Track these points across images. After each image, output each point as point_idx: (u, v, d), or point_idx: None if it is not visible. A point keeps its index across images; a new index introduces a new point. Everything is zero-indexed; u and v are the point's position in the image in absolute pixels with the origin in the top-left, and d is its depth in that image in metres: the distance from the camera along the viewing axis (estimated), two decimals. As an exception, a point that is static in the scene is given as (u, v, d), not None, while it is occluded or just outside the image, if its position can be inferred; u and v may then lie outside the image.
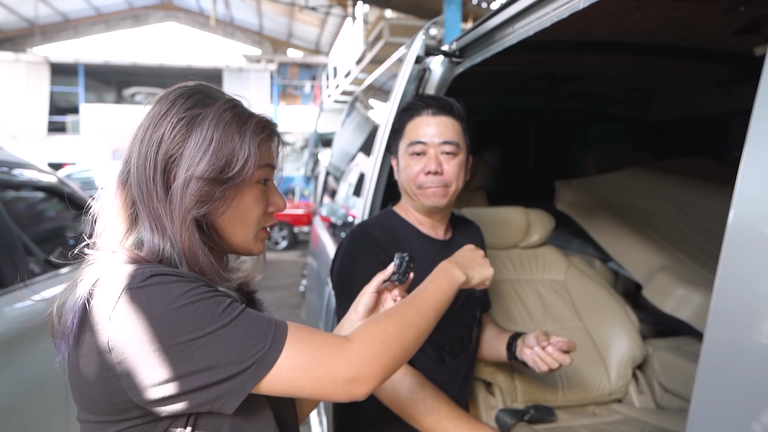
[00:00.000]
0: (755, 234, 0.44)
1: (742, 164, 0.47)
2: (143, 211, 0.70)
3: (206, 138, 0.69)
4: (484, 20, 1.35)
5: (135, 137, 0.71)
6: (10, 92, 16.24)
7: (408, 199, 1.29)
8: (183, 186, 0.68)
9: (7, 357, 1.56)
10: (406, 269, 0.91)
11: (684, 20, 1.46)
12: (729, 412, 0.44)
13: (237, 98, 0.76)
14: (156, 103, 0.72)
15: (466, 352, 1.29)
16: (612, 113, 2.79)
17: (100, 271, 0.66)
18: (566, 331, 1.67)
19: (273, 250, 10.00)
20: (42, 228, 2.39)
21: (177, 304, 0.61)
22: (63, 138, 16.74)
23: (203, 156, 0.69)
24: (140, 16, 21.28)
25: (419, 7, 8.76)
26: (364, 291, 0.92)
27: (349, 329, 0.90)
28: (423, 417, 1.05)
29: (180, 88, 0.73)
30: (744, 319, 0.43)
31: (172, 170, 0.69)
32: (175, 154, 0.69)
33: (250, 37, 21.82)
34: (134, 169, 0.70)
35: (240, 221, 0.74)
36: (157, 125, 0.70)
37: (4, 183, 1.99)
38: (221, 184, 0.70)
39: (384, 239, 1.20)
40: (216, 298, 0.64)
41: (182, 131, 0.69)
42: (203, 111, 0.70)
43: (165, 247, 0.69)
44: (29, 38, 19.16)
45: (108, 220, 0.72)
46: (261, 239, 0.79)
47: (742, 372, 0.44)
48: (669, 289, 1.62)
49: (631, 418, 1.51)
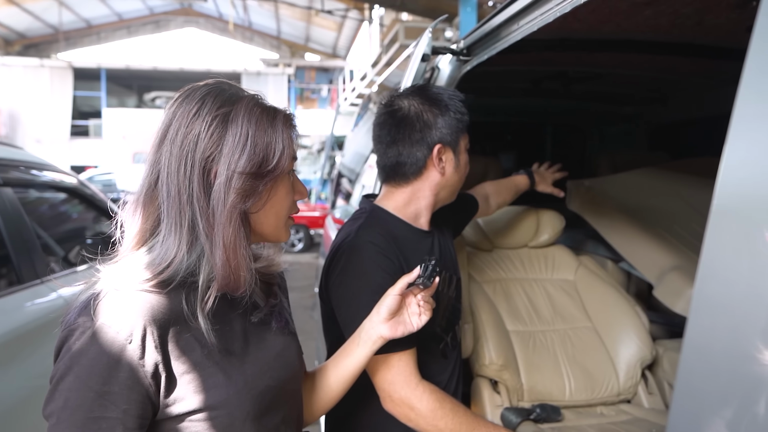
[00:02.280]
0: (737, 218, 0.44)
1: (727, 143, 0.46)
2: (170, 210, 0.70)
3: (242, 134, 0.70)
4: (490, 17, 1.36)
5: (165, 138, 0.71)
6: (35, 97, 16.63)
7: (445, 197, 1.21)
8: (227, 182, 0.69)
9: (26, 350, 1.59)
10: (431, 273, 0.90)
11: (695, 16, 1.44)
12: (710, 398, 0.44)
13: (258, 94, 0.77)
14: (182, 103, 0.72)
15: (458, 341, 1.27)
16: (627, 113, 2.76)
17: (90, 290, 0.68)
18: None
19: (289, 252, 10.07)
20: (62, 228, 2.45)
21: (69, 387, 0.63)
22: (85, 142, 17.08)
23: (242, 152, 0.70)
24: (161, 22, 21.66)
25: (435, 9, 8.77)
26: (389, 293, 0.91)
27: (371, 330, 0.90)
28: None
29: (206, 86, 0.73)
30: (726, 305, 0.43)
31: (212, 168, 0.70)
32: (213, 152, 0.70)
33: (268, 42, 22.06)
34: (166, 169, 0.70)
35: (273, 212, 0.77)
36: (191, 125, 0.70)
37: (25, 183, 2.05)
38: (263, 177, 0.72)
39: (383, 243, 1.11)
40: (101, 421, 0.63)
41: (218, 129, 0.70)
42: (233, 108, 0.71)
43: (181, 249, 0.70)
44: (53, 44, 19.63)
45: (131, 225, 0.73)
46: (288, 227, 0.81)
47: (724, 357, 0.44)
48: (680, 290, 1.59)
49: (639, 418, 1.49)
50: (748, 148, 0.45)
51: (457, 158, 1.18)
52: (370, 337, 0.91)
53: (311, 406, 0.93)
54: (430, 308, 0.94)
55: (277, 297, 0.86)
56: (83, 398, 0.62)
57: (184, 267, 0.70)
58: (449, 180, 1.18)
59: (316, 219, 10.26)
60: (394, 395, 1.02)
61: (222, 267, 0.70)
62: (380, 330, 0.90)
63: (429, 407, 1.00)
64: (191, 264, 0.71)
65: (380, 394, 1.04)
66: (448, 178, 1.17)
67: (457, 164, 1.18)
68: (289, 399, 0.82)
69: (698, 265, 0.46)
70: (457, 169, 1.18)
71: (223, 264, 0.70)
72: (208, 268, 0.71)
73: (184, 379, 0.67)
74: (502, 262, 1.82)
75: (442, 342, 1.20)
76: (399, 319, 0.91)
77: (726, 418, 0.44)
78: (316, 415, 0.94)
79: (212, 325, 0.71)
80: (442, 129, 1.14)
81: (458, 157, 1.18)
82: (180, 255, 0.70)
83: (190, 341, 0.69)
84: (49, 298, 1.81)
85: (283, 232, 0.80)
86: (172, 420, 0.68)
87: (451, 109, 1.15)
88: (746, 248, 0.43)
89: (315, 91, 20.42)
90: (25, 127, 16.38)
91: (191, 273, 0.71)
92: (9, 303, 1.65)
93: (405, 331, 0.91)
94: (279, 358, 0.80)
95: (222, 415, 0.69)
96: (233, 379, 0.71)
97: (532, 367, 1.56)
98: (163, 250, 0.70)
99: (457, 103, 1.17)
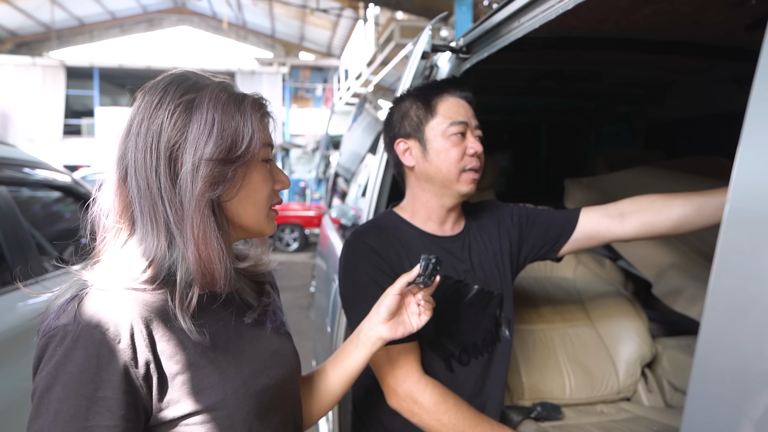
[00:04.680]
0: (754, 214, 0.43)
1: (741, 142, 0.46)
2: (143, 206, 0.68)
3: (208, 120, 0.68)
4: (491, 15, 1.35)
5: (129, 132, 0.69)
6: (27, 95, 16.50)
7: (435, 190, 1.16)
8: (193, 170, 0.67)
9: (18, 352, 1.58)
10: (432, 271, 0.87)
11: (694, 15, 1.44)
12: (727, 394, 0.44)
13: (226, 80, 0.75)
14: (145, 95, 0.70)
15: (481, 357, 1.17)
16: (623, 112, 2.77)
17: (65, 298, 0.65)
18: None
19: (284, 252, 10.05)
20: (56, 227, 2.43)
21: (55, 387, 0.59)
22: (78, 141, 16.96)
23: (209, 138, 0.68)
24: (154, 20, 21.54)
25: (430, 8, 8.77)
26: (387, 293, 0.90)
27: (370, 331, 0.89)
28: (446, 430, 1.00)
29: (168, 77, 0.72)
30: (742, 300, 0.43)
31: (178, 157, 0.68)
32: (178, 140, 0.68)
33: (262, 41, 21.98)
34: (133, 164, 0.68)
35: (251, 201, 0.74)
36: (153, 115, 0.68)
37: (19, 181, 2.03)
38: (231, 163, 0.69)
39: (379, 244, 1.11)
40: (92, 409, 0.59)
41: (182, 117, 0.68)
42: (198, 94, 0.69)
43: (161, 246, 0.67)
44: (46, 42, 19.48)
45: (105, 222, 0.71)
46: (271, 218, 0.79)
47: (740, 354, 0.43)
48: (679, 287, 1.60)
49: (639, 416, 1.50)
50: (765, 140, 0.44)
51: (424, 146, 1.14)
52: (369, 338, 0.89)
53: (310, 409, 0.91)
54: (430, 308, 0.92)
55: (270, 296, 0.84)
56: (76, 408, 0.58)
57: (166, 265, 0.68)
58: (424, 171, 1.14)
59: (311, 218, 10.25)
60: (398, 389, 1.02)
61: (195, 261, 0.67)
62: (380, 331, 0.88)
63: (432, 401, 1.01)
64: (173, 262, 0.68)
65: (385, 390, 1.05)
66: (421, 169, 1.15)
67: (425, 152, 1.14)
68: (287, 399, 0.80)
69: (714, 261, 0.46)
70: (426, 157, 1.14)
71: (196, 258, 0.67)
72: (185, 265, 0.68)
73: (177, 381, 0.65)
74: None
75: (445, 351, 1.14)
76: (398, 319, 0.90)
77: (743, 415, 0.43)
78: (315, 418, 0.93)
79: (204, 323, 0.68)
80: (398, 122, 1.17)
81: (425, 144, 1.14)
82: (161, 252, 0.68)
83: (183, 340, 0.66)
84: (44, 298, 1.80)
85: (266, 224, 0.77)
86: (167, 425, 0.65)
87: (406, 100, 1.17)
88: (763, 243, 0.43)
89: (309, 90, 20.37)
90: (16, 126, 16.24)
91: (174, 271, 0.68)
92: (3, 303, 1.64)
93: (405, 332, 0.90)
94: (276, 357, 0.78)
95: (221, 417, 0.67)
96: (229, 378, 0.68)
97: (533, 366, 1.57)
98: (141, 249, 0.68)
99: (416, 91, 1.18)
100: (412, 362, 1.04)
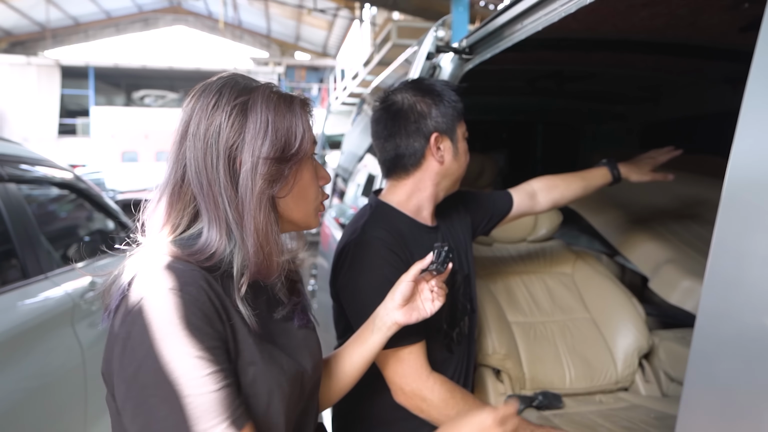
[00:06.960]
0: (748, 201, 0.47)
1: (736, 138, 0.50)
2: (206, 203, 0.72)
3: (262, 120, 0.72)
4: (494, 17, 1.39)
5: (187, 133, 0.72)
6: (22, 95, 16.44)
7: (447, 187, 1.21)
8: (252, 169, 0.71)
9: (23, 348, 1.59)
10: (444, 259, 0.91)
11: (689, 17, 1.48)
12: (720, 384, 0.47)
13: (271, 82, 0.79)
14: (199, 98, 0.73)
15: (466, 334, 1.25)
16: (620, 112, 2.81)
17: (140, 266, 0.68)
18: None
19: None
20: (61, 224, 2.45)
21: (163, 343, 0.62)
22: (73, 140, 16.91)
23: (265, 137, 0.71)
24: (150, 20, 21.50)
25: (427, 9, 8.82)
26: (402, 279, 0.92)
27: (386, 317, 0.92)
28: None
29: (219, 80, 0.75)
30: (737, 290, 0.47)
31: (237, 156, 0.71)
32: (236, 140, 0.71)
33: (258, 40, 21.98)
34: (192, 163, 0.72)
35: (302, 197, 0.79)
36: (210, 116, 0.71)
37: (27, 179, 2.05)
38: (287, 161, 0.74)
39: (390, 239, 1.12)
40: (203, 361, 0.63)
41: (239, 118, 0.72)
42: (250, 96, 0.73)
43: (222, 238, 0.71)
44: (41, 42, 19.40)
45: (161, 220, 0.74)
46: (317, 213, 0.83)
47: (736, 344, 0.47)
48: (675, 281, 1.65)
49: (637, 405, 1.55)
50: (762, 121, 0.48)
51: (455, 146, 1.18)
52: (384, 323, 0.92)
53: (324, 394, 0.94)
54: (443, 294, 0.95)
55: (300, 295, 0.88)
56: (187, 365, 0.61)
57: (226, 258, 0.72)
58: (449, 169, 1.18)
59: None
60: (406, 388, 1.04)
61: (255, 254, 0.72)
62: (395, 316, 0.91)
63: (440, 397, 1.03)
64: (230, 253, 0.72)
65: (392, 388, 1.06)
66: (447, 167, 1.18)
67: (456, 152, 1.18)
68: (313, 388, 0.83)
69: (711, 242, 0.50)
70: (456, 157, 1.18)
71: (256, 251, 0.72)
72: (240, 256, 0.72)
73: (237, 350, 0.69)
74: (501, 256, 1.86)
75: (447, 337, 1.20)
76: (413, 305, 0.93)
77: (736, 403, 0.47)
78: (329, 402, 0.96)
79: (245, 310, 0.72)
80: (437, 118, 1.15)
81: (456, 145, 1.18)
82: (222, 245, 0.71)
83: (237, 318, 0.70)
84: (53, 293, 1.83)
85: (313, 218, 0.82)
86: None
87: (445, 98, 1.16)
88: (760, 223, 0.47)
89: (305, 90, 20.37)
90: (11, 126, 16.18)
91: (229, 263, 0.72)
92: (15, 297, 1.67)
93: (419, 317, 0.93)
94: (304, 348, 0.82)
95: (261, 394, 0.70)
96: (271, 360, 0.72)
97: (534, 357, 1.61)
98: (202, 241, 0.71)
99: (450, 92, 1.17)
100: (421, 362, 1.06)
